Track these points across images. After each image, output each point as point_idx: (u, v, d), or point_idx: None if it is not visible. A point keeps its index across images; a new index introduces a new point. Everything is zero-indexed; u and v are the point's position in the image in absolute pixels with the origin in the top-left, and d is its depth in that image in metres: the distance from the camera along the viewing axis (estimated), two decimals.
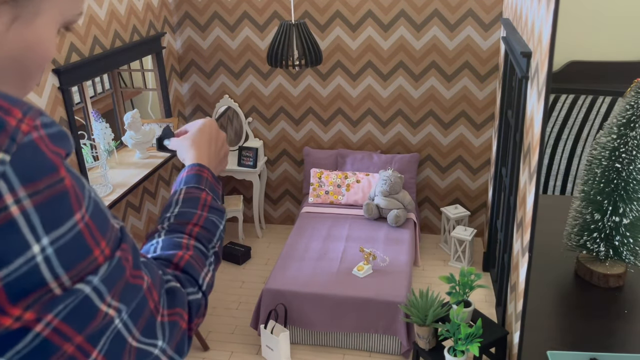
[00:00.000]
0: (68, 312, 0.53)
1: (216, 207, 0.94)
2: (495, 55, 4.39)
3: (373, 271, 3.78)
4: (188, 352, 0.81)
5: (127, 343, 0.62)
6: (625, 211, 2.63)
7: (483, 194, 4.82)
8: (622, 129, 2.58)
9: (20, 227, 0.49)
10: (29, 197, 0.49)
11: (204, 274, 0.83)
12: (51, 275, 0.51)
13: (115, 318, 0.59)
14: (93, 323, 0.56)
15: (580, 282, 2.86)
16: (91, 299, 0.55)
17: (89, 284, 0.55)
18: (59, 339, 0.53)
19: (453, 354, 3.01)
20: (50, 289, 0.52)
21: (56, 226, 0.51)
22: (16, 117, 0.50)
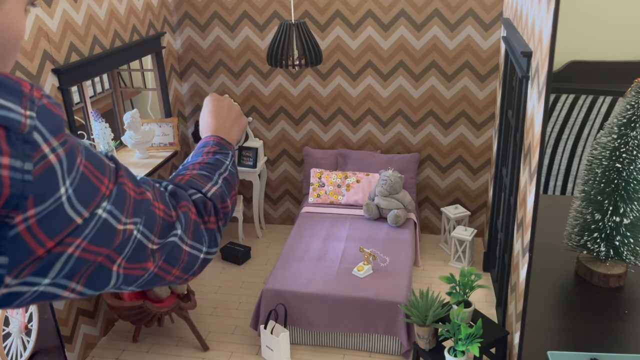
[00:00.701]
0: (92, 235, 0.64)
1: (220, 151, 1.03)
2: (496, 55, 4.39)
3: (373, 271, 3.78)
4: (215, 246, 0.91)
5: (148, 248, 0.74)
6: (625, 211, 2.62)
7: (483, 194, 4.82)
8: (623, 129, 2.57)
9: (57, 172, 0.58)
10: (61, 146, 0.59)
11: (208, 187, 0.93)
12: (73, 211, 0.61)
13: (134, 230, 0.71)
14: (115, 240, 0.67)
15: (581, 282, 2.86)
16: (108, 220, 0.66)
17: (104, 209, 0.65)
18: (89, 255, 0.65)
19: (453, 354, 3.01)
20: (74, 221, 0.62)
21: (71, 170, 0.61)
22: (27, 87, 0.58)
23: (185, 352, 3.71)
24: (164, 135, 4.47)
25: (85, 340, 3.68)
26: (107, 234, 0.66)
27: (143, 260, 0.74)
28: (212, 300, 4.24)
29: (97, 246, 0.65)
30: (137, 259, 0.73)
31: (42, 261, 0.60)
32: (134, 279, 0.75)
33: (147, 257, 0.75)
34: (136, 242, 0.72)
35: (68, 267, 0.63)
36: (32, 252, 0.58)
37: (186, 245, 0.83)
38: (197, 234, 0.85)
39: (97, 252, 0.66)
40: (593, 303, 2.73)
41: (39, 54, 3.14)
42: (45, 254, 0.60)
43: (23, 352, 2.79)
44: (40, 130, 0.58)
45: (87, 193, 0.63)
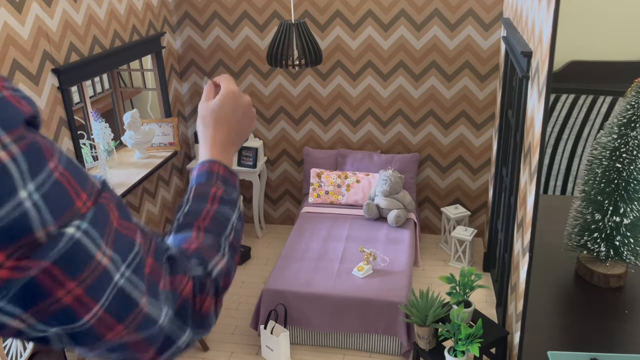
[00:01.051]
0: (60, 257, 0.54)
1: (227, 198, 0.91)
2: (496, 55, 4.39)
3: (373, 271, 3.78)
4: (206, 329, 0.78)
5: (139, 305, 0.63)
6: (625, 211, 2.62)
7: (483, 194, 4.81)
8: (623, 129, 2.57)
9: (11, 172, 0.51)
10: (15, 142, 0.51)
11: (214, 261, 0.80)
12: (39, 222, 0.53)
13: (112, 270, 0.59)
14: (86, 270, 0.56)
15: (581, 282, 2.85)
16: (83, 243, 0.56)
17: (79, 228, 0.56)
18: (50, 282, 0.54)
19: (453, 354, 3.00)
20: (38, 237, 0.53)
21: (38, 172, 0.53)
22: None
23: (185, 352, 3.71)
24: (164, 135, 4.47)
25: None
26: (81, 259, 0.56)
27: (124, 318, 0.62)
28: None
29: (63, 271, 0.55)
30: (120, 314, 0.61)
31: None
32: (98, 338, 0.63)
33: (131, 315, 0.62)
34: (117, 288, 0.60)
35: (22, 294, 0.53)
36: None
37: (175, 327, 0.71)
38: (183, 317, 0.72)
39: (59, 281, 0.55)
40: (593, 303, 2.73)
41: (38, 54, 3.14)
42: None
43: (23, 352, 2.79)
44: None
45: (60, 203, 0.55)
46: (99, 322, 0.59)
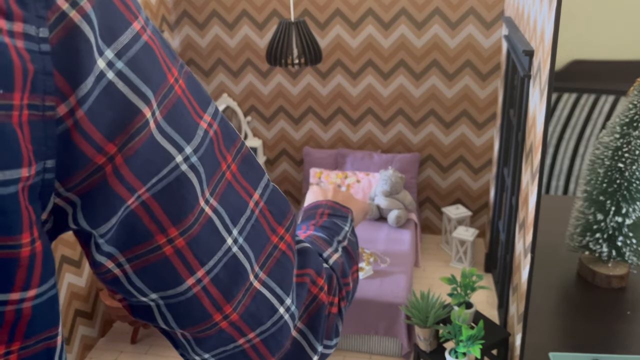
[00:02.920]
0: (160, 189, 0.48)
1: (337, 214, 0.84)
2: (497, 54, 4.37)
3: (373, 272, 3.76)
4: (337, 337, 0.68)
5: (248, 277, 0.54)
6: (628, 211, 2.60)
7: (485, 194, 4.79)
8: (625, 129, 2.55)
9: (84, 35, 0.45)
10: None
11: (328, 252, 0.72)
12: (136, 95, 0.47)
13: (217, 221, 0.52)
14: (190, 215, 0.50)
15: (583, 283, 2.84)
16: (185, 174, 0.50)
17: (184, 156, 0.50)
18: (149, 220, 0.49)
19: (454, 355, 2.99)
20: (140, 111, 0.48)
21: (120, 32, 0.48)
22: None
23: None
24: None
25: (83, 341, 3.65)
26: (179, 194, 0.49)
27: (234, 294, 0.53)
28: None
29: (161, 207, 0.48)
30: (230, 287, 0.53)
31: (101, 172, 0.45)
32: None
33: (241, 291, 0.54)
34: (230, 256, 0.53)
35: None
36: (88, 159, 0.44)
37: (293, 325, 0.60)
38: (315, 320, 0.62)
39: (158, 221, 0.49)
40: (595, 304, 2.72)
41: None
42: (105, 160, 0.45)
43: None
44: None
45: (155, 72, 0.48)
46: (204, 294, 0.52)
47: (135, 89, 0.46)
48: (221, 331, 0.54)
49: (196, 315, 0.52)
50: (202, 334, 0.54)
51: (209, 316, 0.53)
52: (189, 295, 0.51)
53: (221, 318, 0.53)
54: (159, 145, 0.48)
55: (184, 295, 0.51)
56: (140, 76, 0.47)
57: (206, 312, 0.52)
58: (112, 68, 0.45)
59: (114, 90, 0.45)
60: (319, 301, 0.63)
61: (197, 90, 0.53)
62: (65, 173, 0.44)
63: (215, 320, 0.53)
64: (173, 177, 0.49)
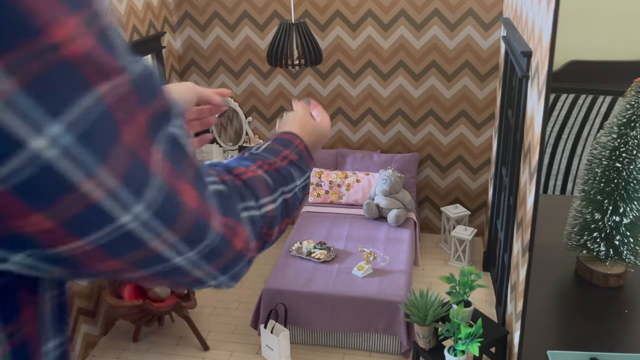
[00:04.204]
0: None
1: (298, 165, 0.82)
2: (496, 55, 4.39)
3: (373, 271, 3.78)
4: (239, 277, 0.67)
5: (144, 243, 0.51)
6: (625, 211, 2.62)
7: (483, 194, 4.82)
8: (623, 129, 2.57)
9: None
10: None
11: (265, 200, 0.70)
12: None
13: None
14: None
15: (581, 281, 2.85)
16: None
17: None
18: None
19: (453, 353, 3.01)
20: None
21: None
22: None
23: (186, 351, 3.71)
24: None
25: (86, 339, 3.68)
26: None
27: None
28: (212, 299, 4.24)
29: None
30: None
31: None
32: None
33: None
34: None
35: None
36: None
37: (193, 268, 0.59)
38: (227, 265, 0.63)
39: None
40: (593, 303, 2.73)
41: None
42: None
43: None
44: None
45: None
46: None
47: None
48: (102, 272, 0.53)
49: (78, 264, 0.50)
50: (83, 274, 0.53)
51: (90, 266, 0.51)
52: (65, 255, 0.48)
53: (104, 266, 0.51)
54: (6, 128, 0.41)
55: (60, 255, 0.48)
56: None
57: (87, 264, 0.50)
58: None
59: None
60: (233, 247, 0.61)
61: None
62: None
63: (96, 267, 0.51)
64: (33, 169, 0.43)
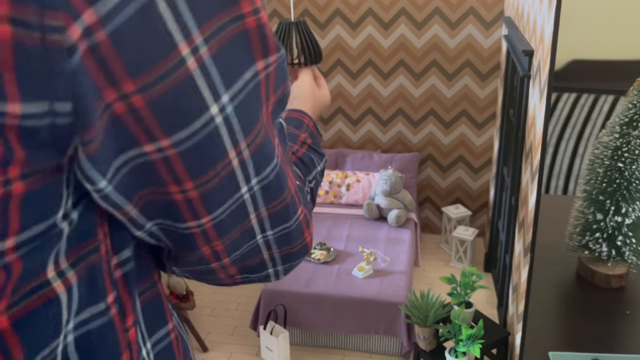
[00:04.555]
0: (190, 146, 0.46)
1: (315, 149, 0.84)
2: (497, 54, 4.37)
3: (373, 272, 3.76)
4: (290, 271, 0.69)
5: (249, 216, 0.54)
6: (627, 211, 2.61)
7: (484, 194, 4.80)
8: (625, 128, 2.55)
9: None
10: None
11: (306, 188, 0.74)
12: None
13: (239, 174, 0.50)
14: (210, 170, 0.48)
15: (582, 282, 2.84)
16: (218, 128, 0.46)
17: (220, 106, 0.46)
18: (164, 169, 0.46)
19: (454, 355, 2.99)
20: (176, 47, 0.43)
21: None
22: None
23: None
24: None
25: None
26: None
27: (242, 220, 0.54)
28: (211, 300, 4.22)
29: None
30: (231, 226, 0.54)
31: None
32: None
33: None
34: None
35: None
36: (97, 92, 0.37)
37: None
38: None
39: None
40: (595, 303, 2.72)
41: None
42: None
43: None
44: None
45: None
46: (201, 235, 0.53)
47: (178, 16, 0.40)
48: (202, 257, 0.56)
49: (186, 245, 0.53)
50: (184, 259, 0.56)
51: (197, 248, 0.54)
52: (186, 232, 0.52)
53: (208, 248, 0.54)
54: (196, 91, 0.43)
55: (182, 231, 0.52)
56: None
57: (197, 246, 0.54)
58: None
59: (152, 12, 0.38)
60: (305, 242, 0.64)
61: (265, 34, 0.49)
62: (86, 122, 0.38)
63: (202, 250, 0.54)
64: (205, 134, 0.45)
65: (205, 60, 0.43)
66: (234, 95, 0.45)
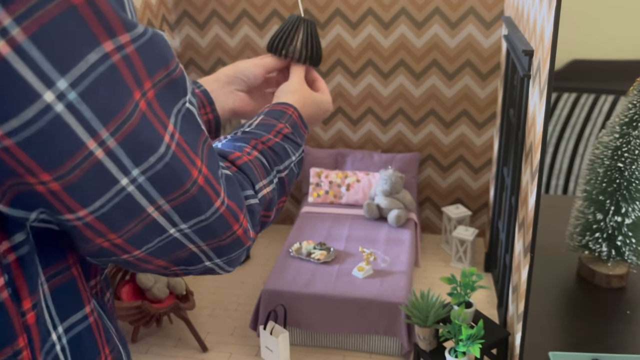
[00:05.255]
0: (27, 136, 0.45)
1: (292, 138, 0.81)
2: (497, 54, 4.37)
3: (373, 272, 3.76)
4: (236, 264, 0.68)
5: (145, 211, 0.53)
6: (627, 211, 2.60)
7: (484, 194, 4.79)
8: (625, 128, 2.55)
9: None
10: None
11: (262, 184, 0.70)
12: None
13: (109, 164, 0.49)
14: (67, 162, 0.47)
15: (583, 282, 2.84)
16: (61, 116, 0.45)
17: (56, 92, 0.45)
18: (12, 161, 0.46)
19: (454, 355, 2.99)
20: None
21: None
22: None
23: (184, 352, 3.69)
24: None
25: None
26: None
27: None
28: (211, 300, 4.22)
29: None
30: (122, 219, 0.53)
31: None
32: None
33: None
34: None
35: None
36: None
37: (209, 261, 0.63)
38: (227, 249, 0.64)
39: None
40: (595, 303, 2.72)
41: None
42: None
43: None
44: None
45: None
46: (86, 227, 0.52)
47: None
48: (102, 249, 0.55)
49: (79, 236, 0.53)
50: (87, 249, 0.56)
51: (90, 241, 0.53)
52: (69, 224, 0.51)
53: (103, 240, 0.53)
54: (16, 77, 0.41)
55: (65, 223, 0.51)
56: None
57: (88, 238, 0.53)
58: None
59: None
60: (234, 235, 0.62)
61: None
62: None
63: (97, 242, 0.53)
64: (45, 122, 0.43)
65: (22, 43, 0.40)
66: (75, 80, 0.43)
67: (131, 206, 0.51)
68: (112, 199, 0.50)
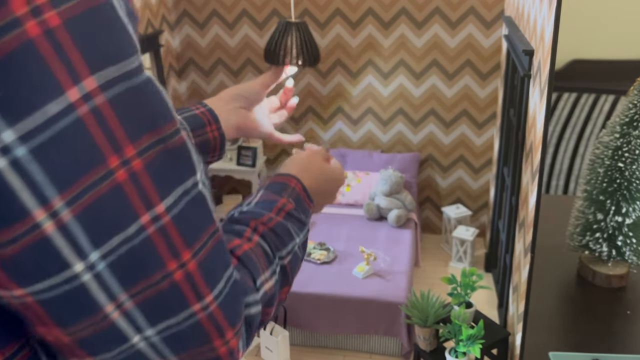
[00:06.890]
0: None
1: (296, 216, 0.71)
2: (497, 54, 4.36)
3: (373, 272, 3.75)
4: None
5: (101, 310, 0.44)
6: (628, 211, 2.60)
7: (485, 194, 4.79)
8: (625, 128, 2.55)
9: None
10: None
11: (264, 278, 0.60)
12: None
13: (60, 241, 0.41)
14: (3, 231, 0.40)
15: (583, 282, 2.83)
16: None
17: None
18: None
19: (454, 355, 2.98)
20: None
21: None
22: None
23: None
24: None
25: None
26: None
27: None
28: None
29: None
30: (71, 316, 0.43)
31: None
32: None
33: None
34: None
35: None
36: None
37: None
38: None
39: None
40: (595, 304, 2.71)
41: None
42: None
43: None
44: None
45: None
46: (30, 309, 0.44)
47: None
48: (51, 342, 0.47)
49: (28, 318, 0.44)
50: (43, 335, 0.47)
51: (33, 326, 0.44)
52: (4, 302, 0.42)
53: (47, 332, 0.44)
54: None
55: (9, 300, 0.42)
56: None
57: (31, 322, 0.44)
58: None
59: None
60: (213, 354, 0.50)
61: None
62: None
63: (40, 331, 0.45)
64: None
65: None
66: (26, 133, 0.36)
67: (85, 301, 0.42)
68: (58, 286, 0.40)
